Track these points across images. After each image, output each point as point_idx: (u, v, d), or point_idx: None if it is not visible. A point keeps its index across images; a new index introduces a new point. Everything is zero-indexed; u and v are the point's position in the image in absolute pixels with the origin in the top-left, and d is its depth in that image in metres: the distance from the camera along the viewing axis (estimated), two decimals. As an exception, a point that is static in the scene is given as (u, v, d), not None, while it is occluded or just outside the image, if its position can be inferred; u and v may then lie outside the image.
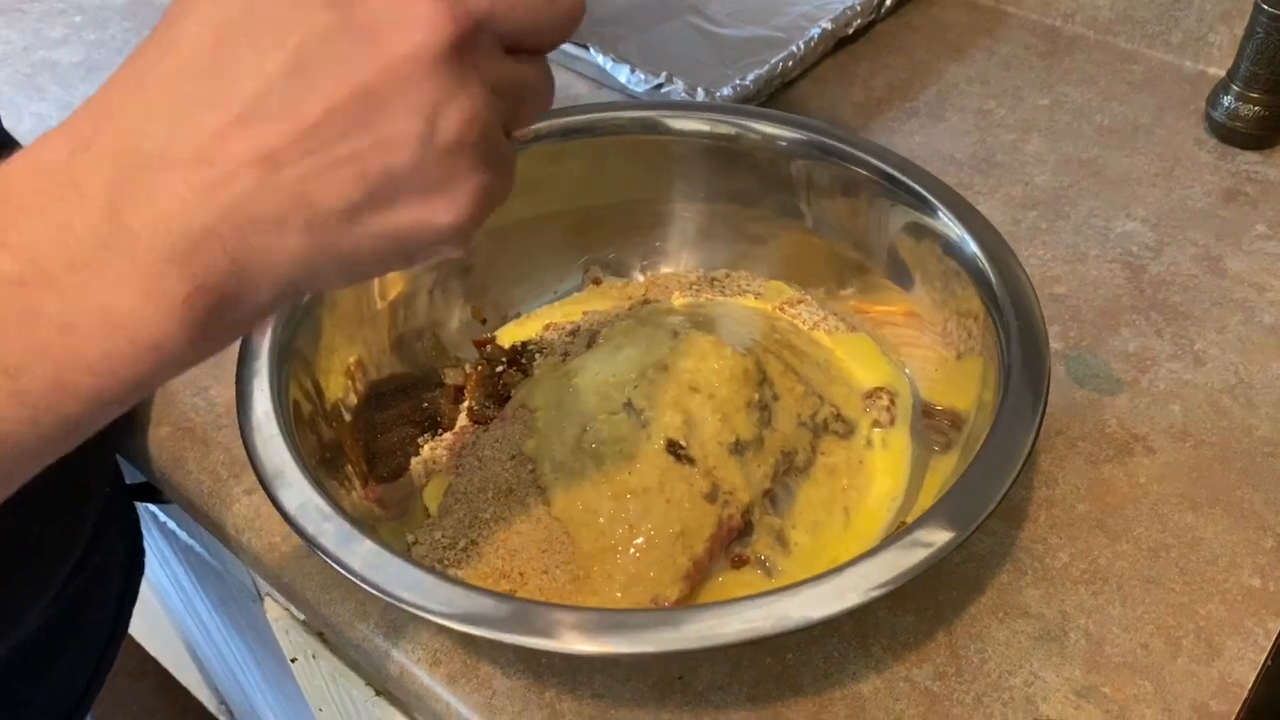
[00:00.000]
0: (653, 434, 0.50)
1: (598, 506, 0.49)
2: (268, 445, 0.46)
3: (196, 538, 0.83)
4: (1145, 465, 0.58)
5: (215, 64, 0.26)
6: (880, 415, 0.56)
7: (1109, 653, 0.51)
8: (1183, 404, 0.61)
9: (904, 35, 0.92)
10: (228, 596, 0.87)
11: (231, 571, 0.80)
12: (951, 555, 0.52)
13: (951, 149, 0.80)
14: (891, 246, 0.59)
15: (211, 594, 0.92)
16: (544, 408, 0.53)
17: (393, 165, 0.27)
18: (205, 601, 0.96)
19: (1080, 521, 0.56)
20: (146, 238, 0.26)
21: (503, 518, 0.50)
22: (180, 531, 0.87)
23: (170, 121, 0.27)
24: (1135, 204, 0.74)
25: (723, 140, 0.61)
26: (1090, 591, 0.53)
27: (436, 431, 0.59)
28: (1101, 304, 0.67)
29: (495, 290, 0.64)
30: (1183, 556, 0.54)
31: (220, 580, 0.84)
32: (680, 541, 0.48)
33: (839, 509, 0.53)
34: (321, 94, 0.26)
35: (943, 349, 0.57)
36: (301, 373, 0.52)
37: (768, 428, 0.52)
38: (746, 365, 0.52)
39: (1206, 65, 0.85)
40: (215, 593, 0.91)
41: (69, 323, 0.26)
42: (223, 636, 1.01)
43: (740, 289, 0.64)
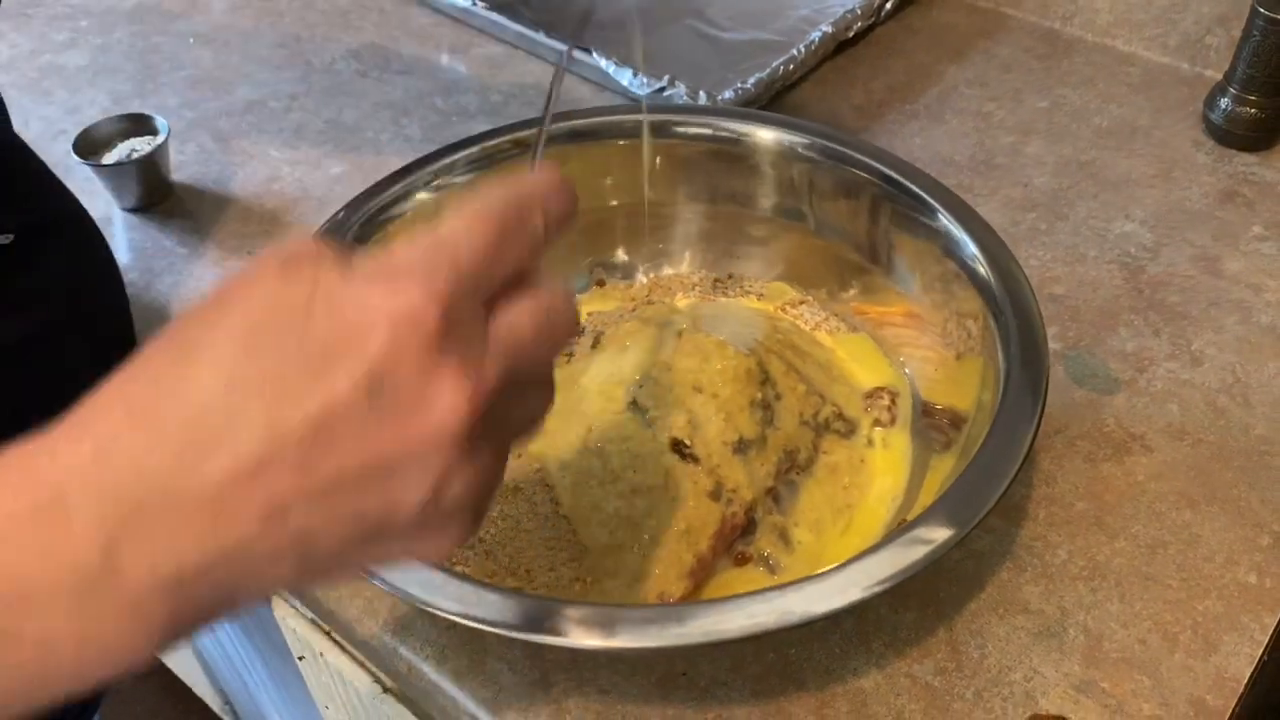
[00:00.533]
0: (658, 433, 0.51)
1: (603, 504, 0.50)
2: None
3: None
4: (1143, 464, 0.59)
5: (231, 407, 0.26)
6: (881, 415, 0.57)
7: (1107, 648, 0.51)
8: (1180, 403, 0.62)
9: (904, 38, 0.92)
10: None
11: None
12: (951, 552, 0.52)
13: (951, 151, 0.80)
14: (892, 248, 0.60)
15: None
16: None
17: (395, 520, 0.28)
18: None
19: (1079, 519, 0.57)
20: (140, 574, 0.26)
21: (510, 515, 0.51)
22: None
23: (178, 462, 0.26)
24: (1133, 205, 0.75)
25: (725, 144, 0.62)
26: (1089, 588, 0.54)
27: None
28: (1100, 304, 0.68)
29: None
30: (1180, 553, 0.55)
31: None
32: (685, 539, 0.49)
33: (841, 507, 0.54)
34: (338, 458, 0.26)
35: (943, 349, 0.58)
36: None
37: (770, 427, 0.53)
38: (749, 365, 0.53)
39: (1204, 68, 0.86)
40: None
41: (46, 642, 0.26)
42: (228, 635, 1.02)
43: (743, 290, 0.64)
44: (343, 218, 0.59)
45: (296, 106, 0.88)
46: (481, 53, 0.93)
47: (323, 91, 0.90)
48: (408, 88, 0.90)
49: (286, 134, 0.85)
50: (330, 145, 0.84)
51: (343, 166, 0.82)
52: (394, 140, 0.84)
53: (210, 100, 0.89)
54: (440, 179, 0.61)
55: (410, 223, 0.60)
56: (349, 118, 0.87)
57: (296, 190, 0.79)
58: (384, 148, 0.83)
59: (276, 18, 0.99)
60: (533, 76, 0.90)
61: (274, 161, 0.82)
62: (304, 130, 0.85)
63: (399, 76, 0.91)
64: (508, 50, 0.93)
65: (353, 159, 0.82)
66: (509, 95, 0.88)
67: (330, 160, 0.82)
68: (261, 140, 0.85)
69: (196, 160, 0.83)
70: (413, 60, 0.93)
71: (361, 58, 0.94)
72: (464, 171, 0.62)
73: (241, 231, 0.76)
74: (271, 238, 0.75)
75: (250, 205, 0.78)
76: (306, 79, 0.91)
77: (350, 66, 0.93)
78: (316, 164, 0.82)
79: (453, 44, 0.95)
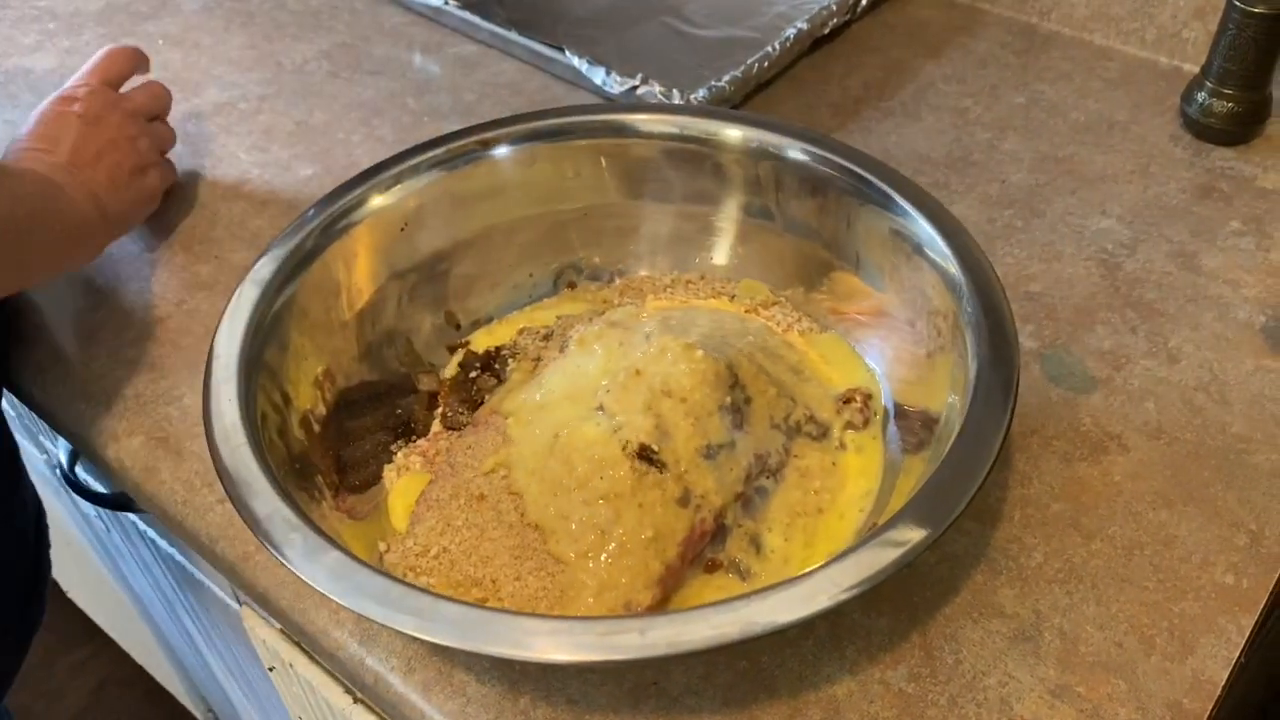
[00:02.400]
0: (625, 439, 0.50)
1: (570, 512, 0.49)
2: (235, 455, 0.46)
3: (176, 546, 0.82)
4: (1120, 463, 0.58)
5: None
6: (853, 417, 0.56)
7: (1083, 652, 0.51)
8: (1157, 401, 0.62)
9: (880, 34, 0.92)
10: (209, 604, 0.87)
11: (210, 580, 0.79)
12: (926, 556, 0.52)
13: (927, 148, 0.80)
14: (861, 247, 0.59)
15: (193, 602, 0.92)
16: (516, 413, 0.53)
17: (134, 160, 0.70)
18: (188, 609, 0.96)
19: (1055, 520, 0.56)
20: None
21: (475, 524, 0.50)
22: (160, 540, 0.86)
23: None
24: (1110, 201, 0.74)
25: (692, 142, 0.61)
26: (1064, 591, 0.53)
27: (410, 438, 0.59)
28: (1077, 302, 0.67)
29: (468, 295, 0.64)
30: (1156, 554, 0.54)
31: (201, 587, 0.84)
32: (653, 547, 0.48)
33: (812, 511, 0.53)
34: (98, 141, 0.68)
35: (914, 348, 0.57)
36: (269, 384, 0.52)
37: (740, 431, 0.52)
38: (718, 368, 0.52)
39: (1181, 61, 0.85)
40: (197, 601, 0.90)
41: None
42: (206, 643, 1.01)
43: (714, 291, 0.64)
44: (311, 215, 0.58)
45: (266, 108, 0.87)
46: (454, 52, 0.92)
47: (293, 93, 0.89)
48: (379, 88, 0.89)
49: (255, 136, 0.84)
50: (300, 147, 0.83)
51: (312, 169, 0.81)
52: (365, 141, 0.83)
53: (179, 102, 0.87)
54: (405, 180, 0.60)
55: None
56: (319, 119, 0.85)
57: (265, 193, 0.78)
58: (355, 149, 0.82)
59: (247, 18, 0.98)
60: (506, 76, 0.89)
61: (243, 164, 0.81)
62: (273, 132, 0.84)
63: (370, 77, 0.90)
64: (481, 49, 0.92)
65: (323, 161, 0.81)
66: (482, 95, 0.87)
67: (300, 162, 0.81)
68: (230, 142, 0.83)
69: (164, 164, 0.82)
70: (384, 60, 0.92)
71: (333, 58, 0.93)
72: (429, 169, 0.61)
73: (208, 235, 0.75)
74: (238, 241, 0.74)
75: (218, 209, 0.77)
76: (277, 80, 0.90)
77: (321, 67, 0.92)
78: (286, 166, 0.81)
79: (425, 44, 0.94)
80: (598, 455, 0.49)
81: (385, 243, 0.60)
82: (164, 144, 0.75)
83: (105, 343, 0.68)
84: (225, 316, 0.52)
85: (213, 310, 0.70)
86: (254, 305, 0.52)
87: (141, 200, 0.70)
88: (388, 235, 0.60)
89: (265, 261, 0.54)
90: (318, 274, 0.56)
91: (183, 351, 0.67)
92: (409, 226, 0.61)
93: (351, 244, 0.58)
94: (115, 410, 0.64)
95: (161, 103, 0.75)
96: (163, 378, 0.66)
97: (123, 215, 0.68)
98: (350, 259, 0.58)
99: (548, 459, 0.50)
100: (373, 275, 0.59)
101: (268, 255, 0.54)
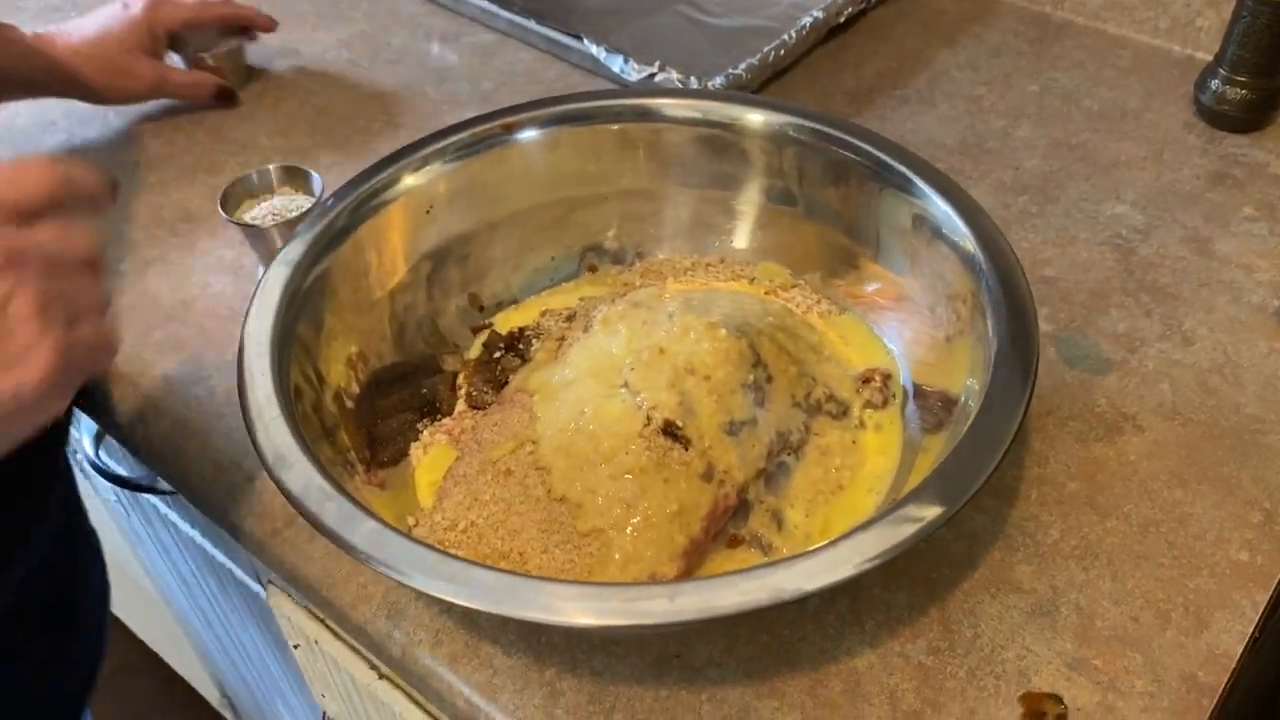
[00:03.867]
0: (649, 415, 0.51)
1: (596, 486, 0.50)
2: (269, 428, 0.47)
3: (199, 527, 0.83)
4: (1135, 443, 0.59)
5: None
6: (873, 396, 0.57)
7: (1099, 626, 0.51)
8: (1171, 383, 0.62)
9: (895, 23, 0.92)
10: (230, 586, 0.88)
11: (234, 560, 0.80)
12: (944, 532, 0.53)
13: (942, 135, 0.80)
14: (882, 231, 0.60)
15: (214, 584, 0.93)
16: (542, 391, 0.54)
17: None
18: (207, 592, 0.97)
19: (1071, 499, 0.57)
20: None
21: (502, 499, 0.51)
22: (182, 523, 0.87)
23: None
24: (1124, 187, 0.75)
25: (716, 127, 0.62)
26: (1081, 567, 0.54)
27: (436, 417, 0.60)
28: (1092, 286, 0.68)
29: (492, 278, 0.65)
30: (1171, 532, 0.55)
31: (222, 570, 0.85)
32: (677, 520, 0.49)
33: (833, 488, 0.54)
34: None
35: (933, 331, 0.58)
36: (303, 359, 0.53)
37: (762, 409, 0.53)
38: (741, 347, 0.53)
39: (1194, 49, 0.86)
40: (217, 582, 0.91)
41: None
42: (225, 627, 1.02)
43: (734, 274, 0.64)
44: (331, 204, 0.59)
45: (287, 96, 0.88)
46: (472, 41, 0.93)
47: (313, 81, 0.89)
48: (398, 77, 0.89)
49: (279, 122, 0.85)
50: (320, 135, 0.84)
51: (333, 156, 0.81)
52: (385, 130, 0.84)
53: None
54: (430, 164, 0.61)
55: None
56: (339, 108, 0.86)
57: (287, 179, 0.79)
58: (375, 137, 0.83)
59: (267, 8, 0.99)
60: (523, 64, 0.90)
61: (264, 150, 0.82)
62: (294, 119, 0.85)
63: (389, 66, 0.91)
64: (499, 38, 0.93)
65: (343, 149, 0.82)
66: (500, 83, 0.88)
67: (320, 150, 0.82)
68: (253, 129, 0.84)
69: (185, 152, 0.82)
70: (403, 49, 0.93)
71: (352, 47, 0.94)
72: (453, 158, 0.62)
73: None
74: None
75: (241, 195, 0.78)
76: (297, 69, 0.91)
77: (341, 56, 0.93)
78: (306, 153, 0.82)
79: (443, 33, 0.95)
80: (623, 431, 0.50)
81: (412, 225, 0.61)
82: (78, 308, 0.41)
83: (133, 325, 0.69)
84: (257, 293, 0.53)
85: (238, 294, 0.71)
86: (285, 283, 0.53)
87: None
88: (414, 218, 0.61)
89: (295, 244, 0.55)
90: (347, 254, 0.57)
91: (208, 334, 0.68)
92: (435, 209, 0.62)
93: (379, 226, 0.59)
94: (143, 393, 0.65)
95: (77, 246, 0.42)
96: (190, 360, 0.67)
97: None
98: (378, 241, 0.59)
99: (574, 435, 0.51)
100: (400, 257, 0.60)
101: (297, 238, 0.55)
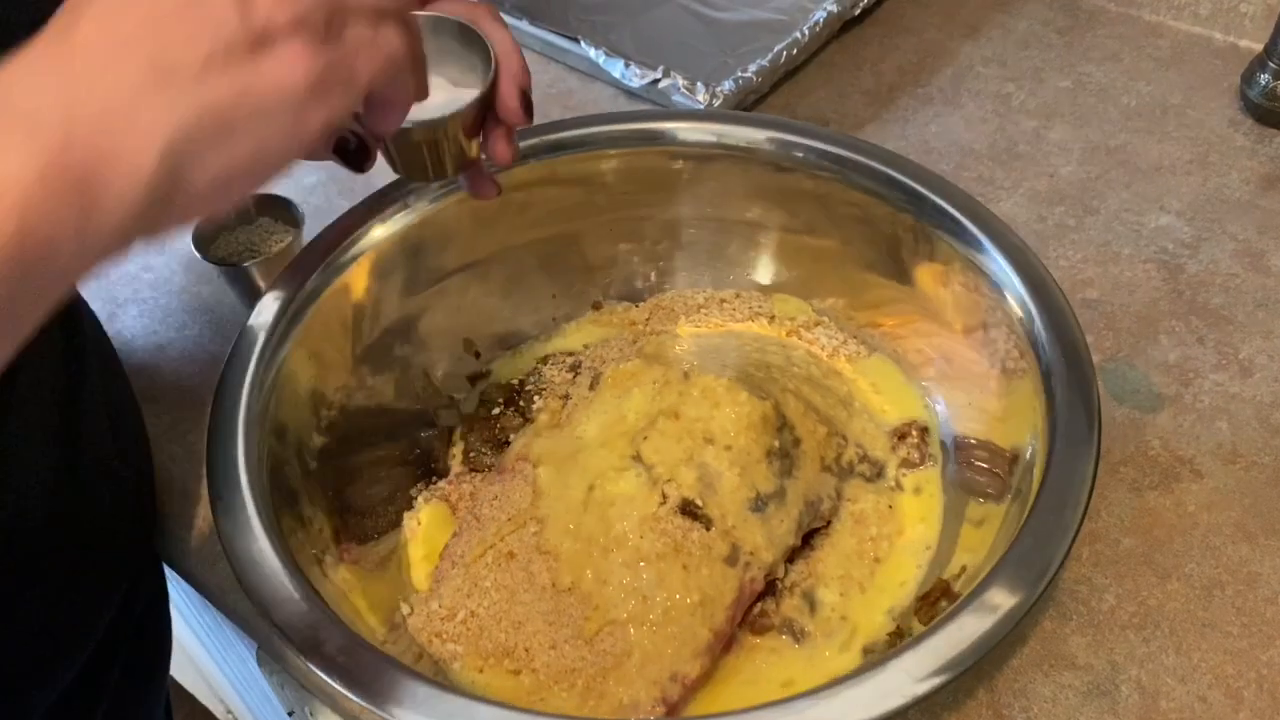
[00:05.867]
0: (665, 493, 0.46)
1: (608, 575, 0.45)
2: (252, 545, 0.42)
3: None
4: (1193, 492, 0.54)
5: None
6: (910, 454, 0.52)
7: (1164, 708, 0.47)
8: (1230, 420, 0.57)
9: (913, 13, 0.86)
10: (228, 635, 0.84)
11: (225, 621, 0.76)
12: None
13: (970, 139, 0.75)
14: (913, 264, 0.55)
15: (209, 622, 0.89)
16: (546, 462, 0.49)
17: (220, 34, 0.30)
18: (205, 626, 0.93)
19: (1126, 558, 0.52)
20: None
21: (505, 586, 0.47)
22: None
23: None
24: (1168, 195, 0.70)
25: (733, 151, 0.56)
26: (1141, 638, 0.49)
27: (430, 479, 0.55)
28: (1138, 309, 0.63)
29: (488, 319, 0.59)
30: (1239, 595, 0.50)
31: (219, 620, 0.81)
32: (699, 612, 0.44)
33: (868, 560, 0.49)
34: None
35: (972, 372, 0.53)
36: (274, 437, 0.48)
37: (789, 477, 0.48)
38: (765, 410, 0.48)
39: (1238, 38, 0.80)
40: (214, 624, 0.87)
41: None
42: (223, 662, 0.98)
43: (752, 311, 0.59)
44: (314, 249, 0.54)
45: (265, 109, 0.82)
46: (462, 43, 0.87)
47: (293, 91, 0.84)
48: (384, 85, 0.84)
49: (255, 141, 0.79)
50: (303, 152, 0.78)
51: (317, 175, 0.76)
52: (371, 144, 0.78)
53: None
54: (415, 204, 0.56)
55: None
56: (322, 120, 0.81)
57: (267, 204, 0.74)
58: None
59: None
60: (517, 68, 0.84)
61: (243, 172, 0.77)
62: (274, 136, 0.80)
63: (374, 72, 0.85)
64: (490, 39, 0.87)
65: (328, 166, 0.77)
66: (492, 89, 0.82)
67: (304, 169, 0.77)
68: (229, 149, 0.79)
69: (160, 173, 0.77)
70: (389, 53, 0.87)
71: (334, 52, 0.88)
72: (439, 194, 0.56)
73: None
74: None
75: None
76: (276, 78, 0.85)
77: (322, 62, 0.87)
78: (289, 173, 0.76)
79: (431, 34, 0.89)
80: (636, 512, 0.45)
81: (397, 269, 0.55)
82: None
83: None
84: (227, 371, 0.48)
85: (217, 336, 0.66)
86: (258, 356, 0.47)
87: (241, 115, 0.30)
88: (398, 261, 0.55)
89: (268, 301, 0.50)
90: (327, 308, 0.52)
91: (185, 383, 0.63)
92: (423, 250, 0.56)
93: (359, 274, 0.54)
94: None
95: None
96: (165, 413, 0.62)
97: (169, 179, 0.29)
98: (360, 290, 0.54)
99: (582, 515, 0.46)
100: (386, 305, 0.55)
101: (270, 294, 0.50)
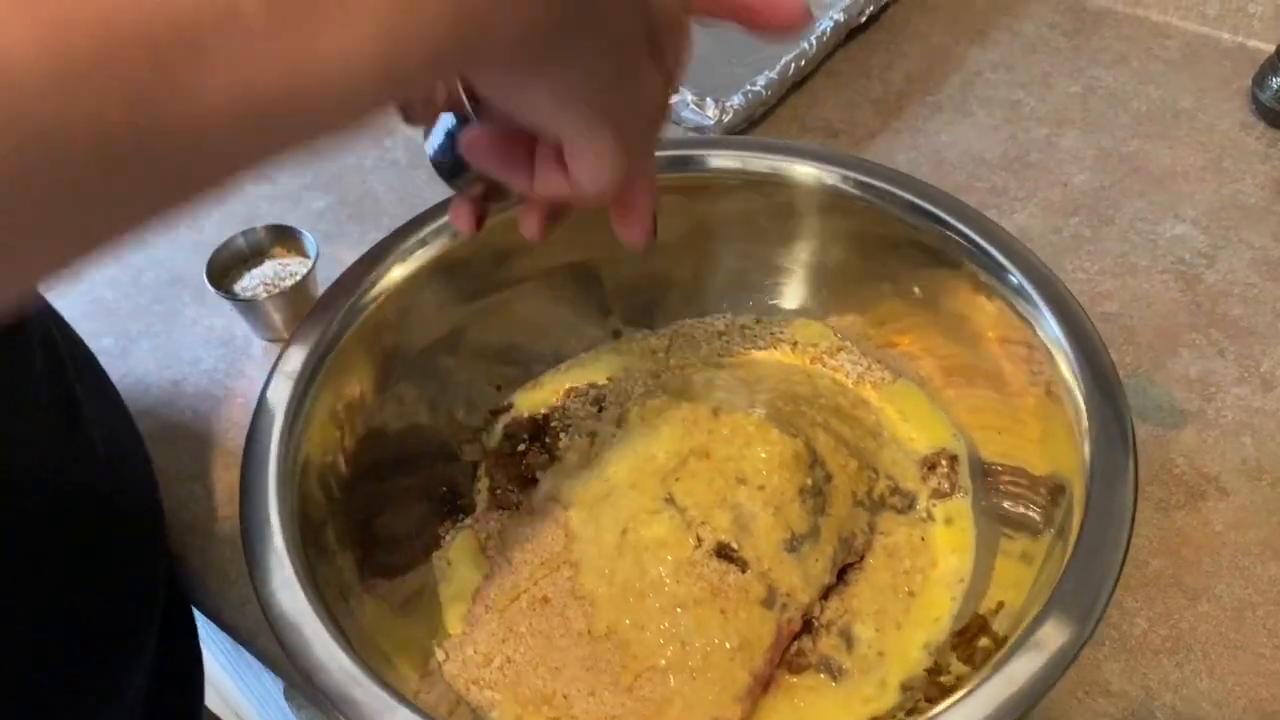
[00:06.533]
0: (700, 536, 0.46)
1: (645, 621, 0.45)
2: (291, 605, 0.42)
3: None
4: (1220, 510, 0.54)
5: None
6: (940, 484, 0.52)
7: (1201, 734, 0.47)
8: (1254, 435, 0.57)
9: (919, 19, 0.86)
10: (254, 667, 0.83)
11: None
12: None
13: (981, 148, 0.74)
14: (942, 293, 0.54)
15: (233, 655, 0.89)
16: (578, 505, 0.48)
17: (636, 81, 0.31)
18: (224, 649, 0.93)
19: (1155, 580, 0.52)
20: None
21: (541, 631, 0.46)
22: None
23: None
24: (1183, 203, 0.69)
25: (760, 177, 0.56)
26: (1174, 662, 0.49)
27: (458, 517, 0.55)
28: (1157, 322, 0.63)
29: (507, 351, 0.59)
30: (1270, 616, 0.51)
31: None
32: (739, 656, 0.44)
33: (903, 594, 0.49)
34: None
35: (999, 397, 0.52)
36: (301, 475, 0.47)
37: (823, 515, 0.48)
38: (796, 448, 0.48)
39: (1247, 37, 0.79)
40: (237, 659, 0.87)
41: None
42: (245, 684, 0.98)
43: (774, 338, 0.59)
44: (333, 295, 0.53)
45: (269, 132, 0.81)
46: (464, 57, 0.86)
47: (296, 112, 0.83)
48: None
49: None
50: (310, 176, 0.77)
51: (325, 200, 0.75)
52: (379, 166, 0.78)
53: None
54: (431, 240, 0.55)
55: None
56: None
57: (277, 232, 0.73)
58: (368, 175, 0.77)
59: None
60: (522, 83, 0.83)
61: (249, 197, 0.76)
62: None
63: (377, 90, 0.84)
64: (492, 53, 0.86)
65: (336, 190, 0.76)
66: (498, 106, 0.81)
67: (311, 194, 0.76)
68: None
69: (166, 201, 0.76)
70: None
71: (335, 70, 0.87)
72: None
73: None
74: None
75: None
76: (278, 98, 0.84)
77: (324, 81, 0.86)
78: (297, 199, 0.76)
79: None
80: (671, 556, 0.45)
81: (418, 306, 0.55)
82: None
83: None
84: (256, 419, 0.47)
85: (231, 369, 0.65)
86: (285, 408, 0.47)
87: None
88: (419, 298, 0.55)
89: (293, 352, 0.49)
90: (350, 351, 0.52)
91: (201, 420, 0.63)
92: (443, 286, 0.56)
93: (381, 314, 0.53)
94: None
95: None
96: (183, 452, 0.61)
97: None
98: (383, 330, 0.53)
99: (616, 559, 0.46)
100: (407, 343, 0.54)
101: (294, 345, 0.49)
